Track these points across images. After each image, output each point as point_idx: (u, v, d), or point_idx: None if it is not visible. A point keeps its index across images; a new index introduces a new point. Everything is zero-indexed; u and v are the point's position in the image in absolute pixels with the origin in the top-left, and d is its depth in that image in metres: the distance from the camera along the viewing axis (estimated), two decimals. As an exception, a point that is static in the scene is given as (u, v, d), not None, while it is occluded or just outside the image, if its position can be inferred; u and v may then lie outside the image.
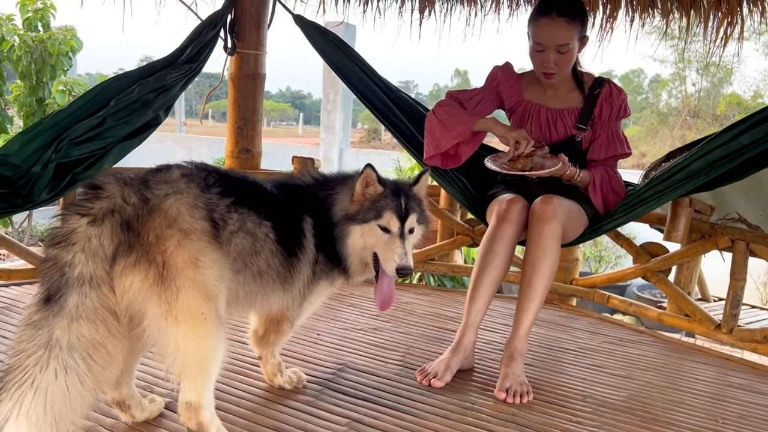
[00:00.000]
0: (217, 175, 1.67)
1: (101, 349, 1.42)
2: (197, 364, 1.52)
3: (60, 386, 1.34)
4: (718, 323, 2.77)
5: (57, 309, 1.38)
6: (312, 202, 1.88)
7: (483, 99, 2.51)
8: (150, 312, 1.46)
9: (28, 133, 2.54)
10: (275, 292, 1.78)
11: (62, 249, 1.41)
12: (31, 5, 6.16)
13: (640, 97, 36.86)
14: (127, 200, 1.48)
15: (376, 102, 2.97)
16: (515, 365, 2.16)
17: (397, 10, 4.09)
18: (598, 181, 2.41)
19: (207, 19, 3.08)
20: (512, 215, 2.26)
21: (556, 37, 2.30)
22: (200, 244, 1.51)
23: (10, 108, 6.40)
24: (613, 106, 2.43)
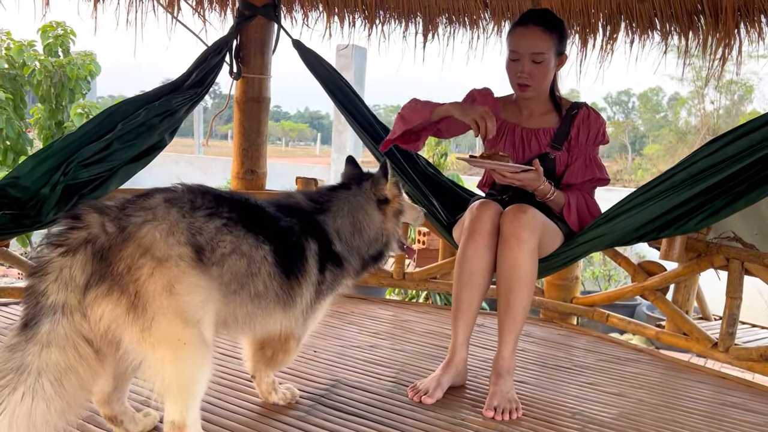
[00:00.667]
0: (210, 197, 1.68)
1: (71, 374, 1.46)
2: (177, 387, 1.55)
3: (25, 409, 1.40)
4: (715, 342, 2.78)
5: (30, 335, 1.44)
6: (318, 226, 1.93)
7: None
8: (126, 338, 1.50)
9: (39, 156, 2.65)
10: (275, 314, 1.80)
11: (38, 279, 1.47)
12: (52, 31, 6.37)
13: (659, 116, 36.74)
14: (104, 229, 1.50)
15: (361, 120, 3.17)
16: (503, 382, 2.19)
17: (401, 33, 4.20)
18: (573, 202, 2.40)
19: (212, 45, 3.19)
20: (483, 225, 2.22)
21: (531, 45, 2.33)
22: (176, 271, 1.52)
23: (31, 131, 6.59)
24: (591, 129, 2.43)
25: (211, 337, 1.62)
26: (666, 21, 3.62)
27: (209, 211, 1.64)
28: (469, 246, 2.25)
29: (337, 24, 4.16)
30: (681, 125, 25.40)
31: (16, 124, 6.01)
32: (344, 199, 2.01)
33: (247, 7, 3.30)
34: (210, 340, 1.61)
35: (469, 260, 2.25)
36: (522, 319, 2.21)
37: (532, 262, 2.18)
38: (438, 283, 3.55)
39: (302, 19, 4.14)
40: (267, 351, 2.02)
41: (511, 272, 2.17)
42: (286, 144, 45.10)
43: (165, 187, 1.68)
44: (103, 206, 1.56)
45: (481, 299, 2.29)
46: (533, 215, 2.20)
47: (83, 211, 1.53)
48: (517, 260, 2.16)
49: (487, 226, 2.24)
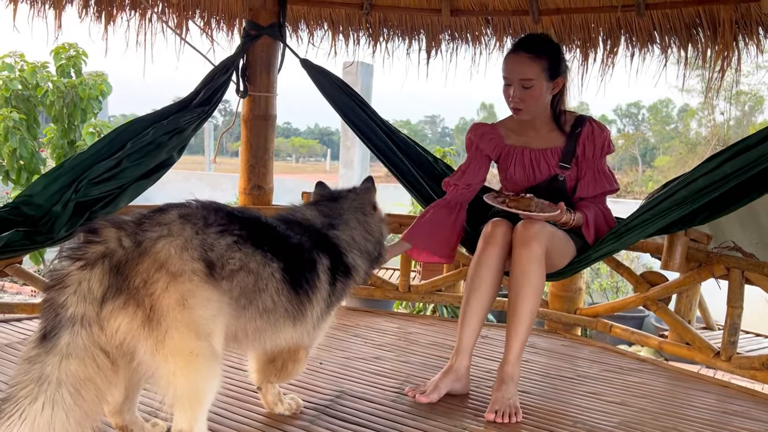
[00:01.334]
0: (223, 214, 1.73)
1: (90, 385, 1.51)
2: (188, 397, 1.60)
3: (45, 419, 1.44)
4: (718, 351, 2.80)
5: (50, 347, 1.48)
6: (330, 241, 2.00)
7: (472, 166, 2.64)
8: (140, 350, 1.55)
9: (51, 174, 2.73)
10: (285, 329, 1.85)
11: (56, 291, 1.52)
12: (65, 53, 6.51)
13: (669, 127, 36.66)
14: (121, 244, 1.56)
15: (373, 138, 3.17)
16: (506, 389, 2.23)
17: (405, 50, 4.27)
18: (591, 219, 2.46)
19: (219, 65, 3.27)
20: (496, 238, 2.35)
21: (519, 71, 2.40)
22: (189, 286, 1.57)
23: (44, 150, 6.72)
24: (596, 143, 2.48)
25: (220, 350, 1.67)
26: (665, 34, 3.67)
27: (221, 228, 1.69)
28: (483, 254, 2.37)
29: (342, 42, 4.26)
30: (691, 136, 25.34)
31: (29, 144, 6.13)
32: (351, 208, 2.11)
33: (253, 27, 3.38)
34: (220, 352, 1.66)
35: (482, 267, 2.35)
36: (528, 323, 2.27)
37: (540, 270, 2.27)
38: (443, 296, 3.59)
39: (308, 37, 4.24)
40: (277, 362, 2.07)
41: (521, 279, 2.26)
42: (297, 160, 45.34)
43: (179, 203, 1.73)
44: (120, 221, 1.61)
45: (488, 307, 2.37)
46: (542, 227, 2.31)
47: (101, 226, 1.58)
48: (526, 267, 2.26)
49: (500, 239, 2.36)
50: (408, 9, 4.00)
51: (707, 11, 3.45)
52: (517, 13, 3.86)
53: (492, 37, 4.10)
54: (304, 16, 4.13)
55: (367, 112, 3.24)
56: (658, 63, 3.87)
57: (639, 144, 35.12)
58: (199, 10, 3.99)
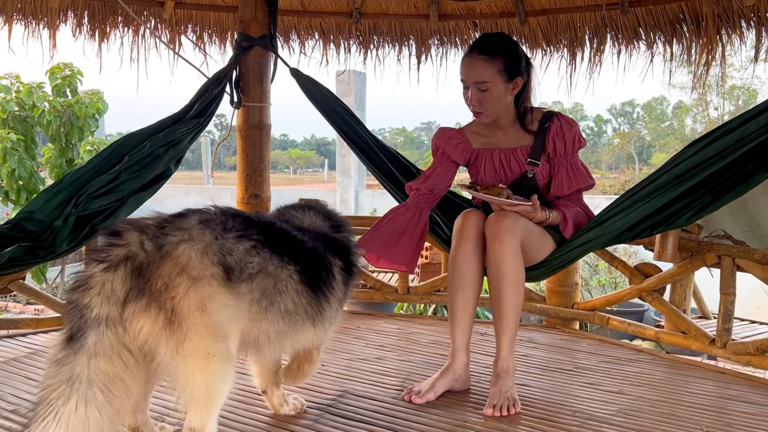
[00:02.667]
0: (240, 219, 1.77)
1: (118, 382, 1.55)
2: (204, 397, 1.64)
3: (80, 417, 1.48)
4: (713, 338, 2.84)
5: (78, 347, 1.52)
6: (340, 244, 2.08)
7: (437, 171, 2.59)
8: (161, 351, 1.59)
9: (51, 190, 2.78)
10: (306, 330, 1.89)
11: (81, 293, 1.56)
12: (60, 73, 6.59)
13: (665, 124, 36.78)
14: (143, 247, 1.60)
15: (362, 145, 3.25)
16: (502, 383, 2.27)
17: (396, 56, 4.34)
18: (570, 216, 2.46)
19: (213, 77, 3.33)
20: (468, 231, 2.33)
21: (474, 74, 2.37)
22: (209, 290, 1.61)
23: (43, 170, 6.78)
24: (566, 139, 2.44)
25: (235, 352, 1.72)
26: (650, 30, 3.74)
27: (239, 233, 1.73)
28: (458, 251, 2.36)
29: (333, 51, 4.32)
30: (687, 133, 25.44)
31: (27, 164, 6.20)
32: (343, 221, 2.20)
33: (244, 38, 3.44)
34: (234, 354, 1.71)
35: (459, 265, 2.35)
36: (514, 318, 2.29)
37: (516, 263, 2.26)
38: (442, 296, 3.63)
39: (299, 47, 4.31)
40: (293, 365, 2.13)
41: (497, 274, 2.26)
42: (294, 171, 45.45)
43: (199, 209, 1.77)
44: (143, 225, 1.65)
45: (474, 302, 2.38)
46: (514, 220, 2.29)
47: (123, 229, 1.63)
48: (501, 262, 2.25)
49: (472, 231, 2.35)
50: (397, 15, 4.07)
51: (690, 6, 3.51)
52: (503, 16, 3.93)
53: (480, 40, 4.17)
54: (295, 27, 4.20)
55: (355, 121, 3.32)
56: (645, 59, 3.94)
57: (635, 142, 35.22)
58: (191, 24, 4.06)
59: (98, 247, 1.64)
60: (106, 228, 1.69)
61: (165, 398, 2.18)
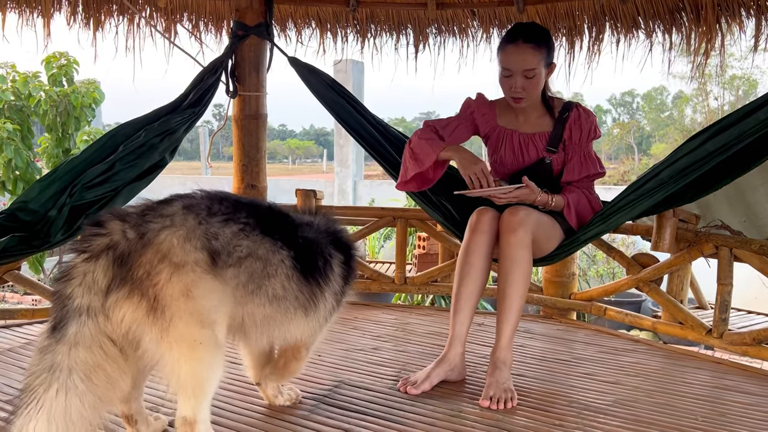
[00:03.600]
0: (229, 203, 1.74)
1: (99, 371, 1.56)
2: (192, 385, 1.64)
3: (60, 404, 1.49)
4: (710, 328, 2.84)
5: (59, 337, 1.53)
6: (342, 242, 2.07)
7: (459, 126, 2.63)
8: (145, 339, 1.58)
9: (45, 180, 2.77)
10: (297, 319, 1.87)
11: (63, 283, 1.56)
12: (56, 62, 6.53)
13: (664, 115, 36.68)
14: (125, 235, 1.58)
15: (363, 133, 3.20)
16: (499, 374, 2.27)
17: (393, 45, 4.30)
18: (573, 202, 2.50)
19: (208, 66, 3.30)
20: (483, 225, 2.39)
21: (523, 62, 2.41)
22: (193, 276, 1.60)
23: (40, 160, 6.74)
24: (583, 128, 2.52)
25: (223, 339, 1.71)
26: (649, 19, 3.71)
27: (225, 216, 1.71)
28: (470, 242, 2.40)
29: (331, 40, 4.28)
30: (687, 123, 25.38)
31: (24, 154, 6.15)
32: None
33: (240, 27, 3.41)
34: (222, 341, 1.70)
35: (469, 254, 2.39)
36: (518, 308, 2.31)
37: (527, 255, 2.31)
38: (439, 286, 3.62)
39: (296, 36, 4.27)
40: (280, 361, 2.11)
41: (509, 264, 2.30)
42: (293, 162, 45.35)
43: (185, 194, 1.76)
44: (124, 213, 1.64)
45: (478, 294, 2.39)
46: (527, 213, 2.34)
47: (106, 219, 1.62)
48: (513, 253, 2.30)
49: (486, 226, 2.40)
50: (394, 4, 4.03)
51: (690, -6, 3.48)
52: (502, 4, 3.89)
53: (479, 29, 4.13)
54: (292, 15, 4.16)
55: (358, 109, 3.27)
56: (644, 49, 3.91)
57: (634, 132, 35.15)
58: (186, 13, 4.02)
59: (81, 238, 1.64)
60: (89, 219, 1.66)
61: (161, 388, 2.17)
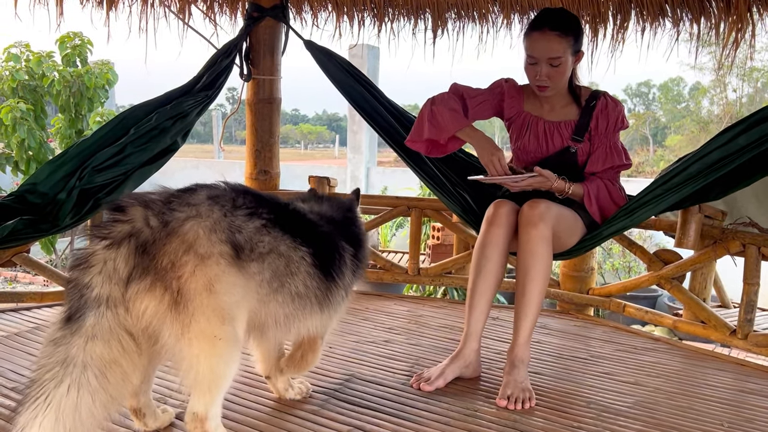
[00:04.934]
0: (251, 197, 1.69)
1: (115, 367, 1.48)
2: (208, 381, 1.58)
3: (71, 401, 1.41)
4: (734, 329, 2.75)
5: (75, 328, 1.45)
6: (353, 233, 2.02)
7: (485, 101, 2.56)
8: (165, 333, 1.51)
9: (55, 162, 2.71)
10: (313, 315, 1.82)
11: (81, 271, 1.48)
12: (70, 42, 6.48)
13: (681, 106, 36.24)
14: (148, 223, 1.51)
15: (379, 120, 3.12)
16: (517, 372, 2.20)
17: (411, 30, 4.20)
18: (593, 192, 2.42)
19: (222, 48, 3.23)
20: (500, 218, 2.31)
21: (548, 50, 2.34)
22: (217, 269, 1.53)
23: (53, 140, 6.72)
24: (610, 118, 2.45)
25: (242, 335, 1.65)
26: (677, 7, 3.59)
27: (249, 210, 1.65)
28: (486, 236, 2.32)
29: (347, 23, 4.19)
30: (703, 115, 25.04)
31: (37, 135, 6.13)
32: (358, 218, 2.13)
33: (255, 9, 3.33)
34: (242, 337, 1.64)
35: (486, 248, 2.31)
36: (537, 304, 2.23)
37: (547, 250, 2.23)
38: (453, 278, 3.55)
39: (312, 19, 4.18)
40: (296, 354, 2.05)
41: (528, 258, 2.22)
42: (305, 147, 45.30)
43: (208, 184, 1.69)
44: (148, 199, 1.56)
45: (494, 289, 2.32)
46: (548, 206, 2.26)
47: (127, 204, 1.54)
48: (534, 247, 2.22)
49: (504, 219, 2.32)
50: (413, -13, 3.93)
51: (721, -19, 3.36)
52: (524, -11, 3.78)
53: (499, 14, 4.03)
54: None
55: (374, 93, 3.18)
56: (670, 38, 3.79)
57: (650, 123, 34.77)
58: (201, -7, 3.94)
59: (101, 223, 1.55)
60: (109, 203, 1.59)
61: (168, 380, 2.13)
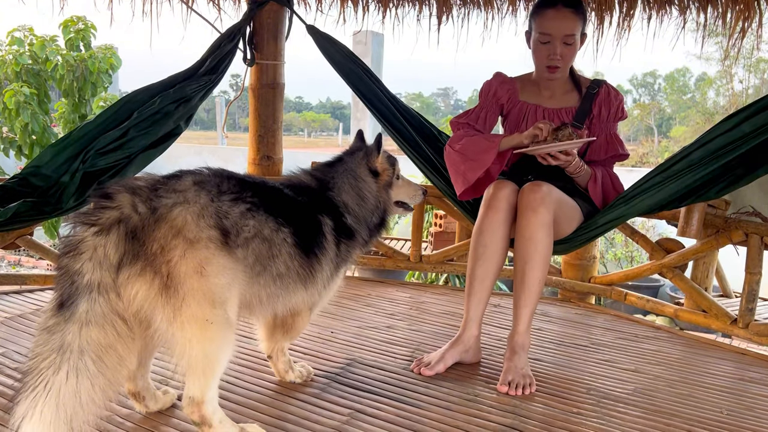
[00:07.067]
0: (234, 181, 1.71)
1: (111, 351, 1.49)
2: (202, 365, 1.59)
3: (71, 388, 1.42)
4: (735, 318, 2.75)
5: (68, 315, 1.45)
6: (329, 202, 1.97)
7: (487, 113, 2.54)
8: (157, 318, 1.53)
9: (58, 145, 2.71)
10: (297, 292, 1.84)
11: (72, 258, 1.48)
12: (73, 26, 6.46)
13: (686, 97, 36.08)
14: (135, 209, 1.53)
15: (380, 106, 3.12)
16: (517, 359, 2.20)
17: (415, 16, 4.18)
18: (599, 176, 2.41)
19: (225, 32, 3.21)
20: (499, 202, 2.27)
21: (564, 27, 2.31)
22: (206, 253, 1.55)
23: (56, 125, 6.71)
24: (611, 106, 2.44)
25: (235, 318, 1.66)
26: (684, -5, 3.56)
27: (234, 195, 1.67)
28: (485, 221, 2.29)
29: (351, 9, 4.16)
30: (709, 106, 24.92)
31: (41, 119, 6.12)
32: (343, 173, 2.05)
33: (259, -7, 3.31)
34: (234, 320, 1.65)
35: (484, 234, 2.28)
36: (537, 292, 2.22)
37: (548, 236, 2.20)
38: (455, 265, 3.55)
39: (316, 4, 4.15)
40: (287, 322, 2.06)
41: (527, 244, 2.19)
42: (309, 135, 45.25)
43: (192, 170, 1.71)
44: (135, 186, 1.57)
45: (494, 275, 2.30)
46: (549, 191, 2.23)
47: (114, 191, 1.55)
48: (533, 232, 2.18)
49: (503, 203, 2.28)
50: (418, -27, 3.90)
51: (728, -31, 3.33)
52: (530, -24, 3.75)
53: (505, 1, 4.00)
54: (312, -18, 4.04)
55: (374, 81, 3.18)
56: (676, 27, 3.76)
57: (655, 114, 34.65)
58: (205, -23, 3.92)
59: (88, 210, 1.55)
60: (96, 190, 1.59)
61: (169, 361, 2.13)
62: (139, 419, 1.85)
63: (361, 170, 2.07)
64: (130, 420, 1.84)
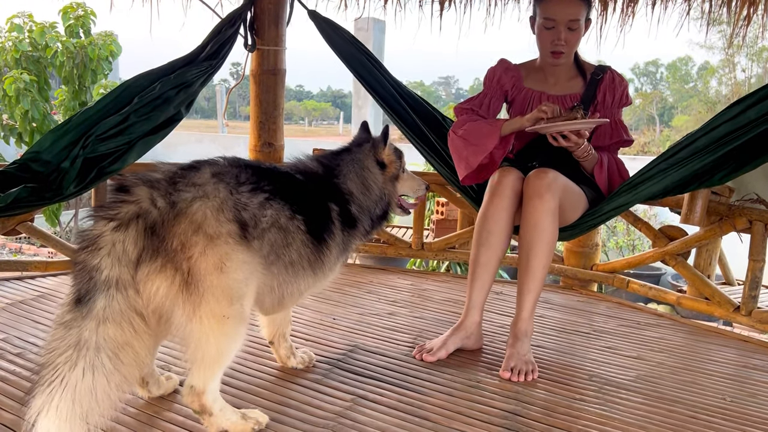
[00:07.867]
0: (251, 171, 1.69)
1: (128, 348, 1.48)
2: (212, 358, 1.59)
3: (87, 384, 1.41)
4: (737, 305, 2.74)
5: (86, 311, 1.44)
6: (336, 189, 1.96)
7: (491, 99, 2.52)
8: (176, 314, 1.52)
9: (58, 130, 2.69)
10: (306, 279, 1.83)
11: (90, 253, 1.47)
12: (73, 13, 6.42)
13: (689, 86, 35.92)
14: (154, 204, 1.51)
15: (382, 92, 3.09)
16: (520, 345, 2.20)
17: (417, 2, 4.14)
18: (605, 161, 2.39)
19: (226, 17, 3.18)
20: (504, 188, 2.26)
21: (569, 12, 2.30)
22: (226, 248, 1.54)
23: (57, 112, 6.69)
24: (616, 92, 2.43)
25: (249, 312, 1.65)
26: (689, -20, 3.53)
27: (252, 186, 1.65)
28: (489, 207, 2.28)
29: (353, -6, 4.13)
30: (711, 95, 24.82)
31: (41, 106, 6.10)
32: (350, 162, 2.04)
33: (260, -22, 3.28)
34: (248, 315, 1.65)
35: (488, 221, 2.27)
36: (541, 278, 2.21)
37: (553, 222, 2.19)
38: (456, 253, 3.54)
39: (317, -11, 4.12)
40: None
41: (533, 231, 2.18)
42: (309, 123, 45.13)
43: (209, 160, 1.69)
44: (153, 179, 1.56)
45: (497, 261, 2.29)
46: (555, 177, 2.22)
47: (132, 184, 1.53)
48: (538, 219, 2.17)
49: (508, 190, 2.27)
50: (420, -42, 3.86)
51: (733, -45, 3.30)
52: (533, -39, 3.71)
53: (508, -14, 3.96)
54: (314, -32, 4.00)
55: (377, 67, 3.15)
56: (680, 14, 3.73)
57: (657, 103, 34.51)
58: (205, -38, 3.88)
59: (106, 204, 1.53)
60: (113, 183, 1.57)
61: (171, 347, 2.13)
62: (142, 404, 1.84)
63: (368, 161, 2.05)
64: (132, 405, 1.84)
